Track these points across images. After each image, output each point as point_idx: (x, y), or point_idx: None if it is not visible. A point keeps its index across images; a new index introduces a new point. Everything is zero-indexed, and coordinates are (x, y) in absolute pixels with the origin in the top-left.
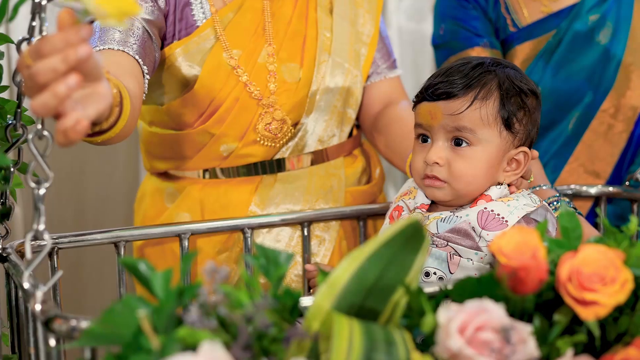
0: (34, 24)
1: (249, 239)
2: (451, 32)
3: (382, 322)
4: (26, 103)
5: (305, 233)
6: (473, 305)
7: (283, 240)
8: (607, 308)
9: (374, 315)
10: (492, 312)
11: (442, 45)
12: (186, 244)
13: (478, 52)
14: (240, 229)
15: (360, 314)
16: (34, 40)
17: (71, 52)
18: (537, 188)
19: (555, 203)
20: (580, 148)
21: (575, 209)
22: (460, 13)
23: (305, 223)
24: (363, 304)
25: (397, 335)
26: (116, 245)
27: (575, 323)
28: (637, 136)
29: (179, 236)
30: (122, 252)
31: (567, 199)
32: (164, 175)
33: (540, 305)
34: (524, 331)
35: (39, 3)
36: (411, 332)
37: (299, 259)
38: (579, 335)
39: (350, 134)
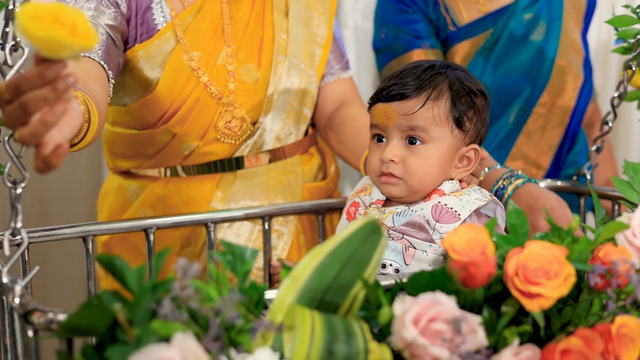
0: (7, 30)
1: (212, 233)
2: (392, 37)
3: (341, 314)
4: None
5: (267, 227)
6: (426, 298)
7: (243, 234)
8: (551, 300)
9: (334, 308)
10: (444, 304)
11: (383, 50)
12: (152, 238)
13: (418, 54)
14: (204, 224)
15: (321, 307)
16: (8, 45)
17: (60, 82)
18: (492, 168)
19: (510, 178)
20: (521, 140)
21: (530, 179)
22: (400, 17)
23: (266, 217)
24: (324, 297)
25: (356, 326)
26: (84, 239)
27: (522, 314)
28: (573, 129)
29: (145, 230)
30: (90, 247)
31: (520, 172)
32: (127, 173)
33: (488, 297)
34: (474, 322)
35: (13, 10)
36: (369, 323)
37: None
38: (525, 325)
39: (306, 133)
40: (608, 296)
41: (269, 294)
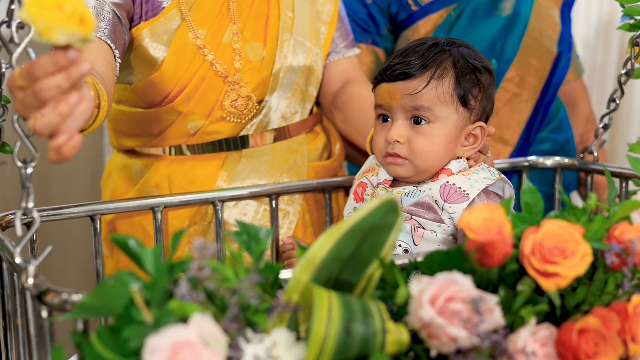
0: (12, 7)
1: (219, 211)
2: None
3: (357, 294)
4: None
5: (274, 205)
6: (443, 277)
7: (249, 213)
8: (567, 279)
9: (349, 288)
10: (461, 284)
11: None
12: (159, 216)
13: (361, 48)
14: (212, 202)
15: (337, 286)
16: (14, 23)
17: (74, 69)
18: None
19: None
20: None
21: None
22: (354, 5)
23: (273, 196)
24: (339, 277)
25: (373, 306)
26: (92, 218)
27: (537, 292)
28: (545, 105)
29: (152, 209)
30: (98, 226)
31: None
32: (131, 152)
33: (503, 276)
34: (491, 301)
35: None
36: (385, 303)
37: None
38: (542, 305)
39: (311, 111)
40: (623, 275)
41: (284, 274)
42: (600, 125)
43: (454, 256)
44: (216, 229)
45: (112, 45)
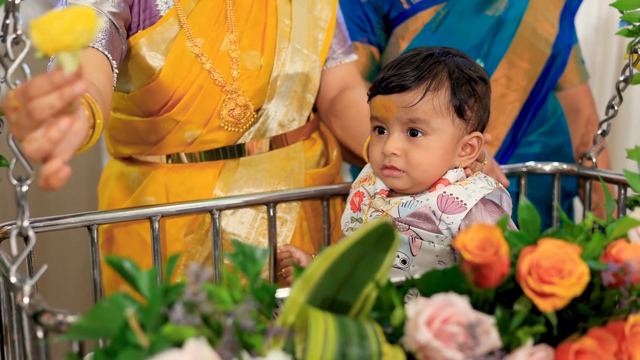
0: (7, 22)
1: (217, 220)
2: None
3: (353, 315)
4: (2, 96)
5: (271, 214)
6: (439, 299)
7: (247, 221)
8: (564, 300)
9: (345, 308)
10: (457, 305)
11: None
12: (157, 226)
13: (355, 46)
14: (209, 211)
15: (333, 307)
16: (9, 38)
17: (67, 89)
18: None
19: None
20: None
21: None
22: (352, 4)
23: (270, 204)
24: (335, 298)
25: (369, 328)
26: (89, 228)
27: (533, 312)
28: (535, 107)
29: (149, 218)
30: (95, 236)
31: None
32: (128, 159)
33: (500, 293)
34: (487, 323)
35: (12, 2)
36: (381, 324)
37: (261, 239)
38: (538, 326)
39: (308, 118)
40: (620, 293)
41: (280, 293)
42: (599, 132)
43: (451, 275)
44: (214, 237)
45: (109, 55)
